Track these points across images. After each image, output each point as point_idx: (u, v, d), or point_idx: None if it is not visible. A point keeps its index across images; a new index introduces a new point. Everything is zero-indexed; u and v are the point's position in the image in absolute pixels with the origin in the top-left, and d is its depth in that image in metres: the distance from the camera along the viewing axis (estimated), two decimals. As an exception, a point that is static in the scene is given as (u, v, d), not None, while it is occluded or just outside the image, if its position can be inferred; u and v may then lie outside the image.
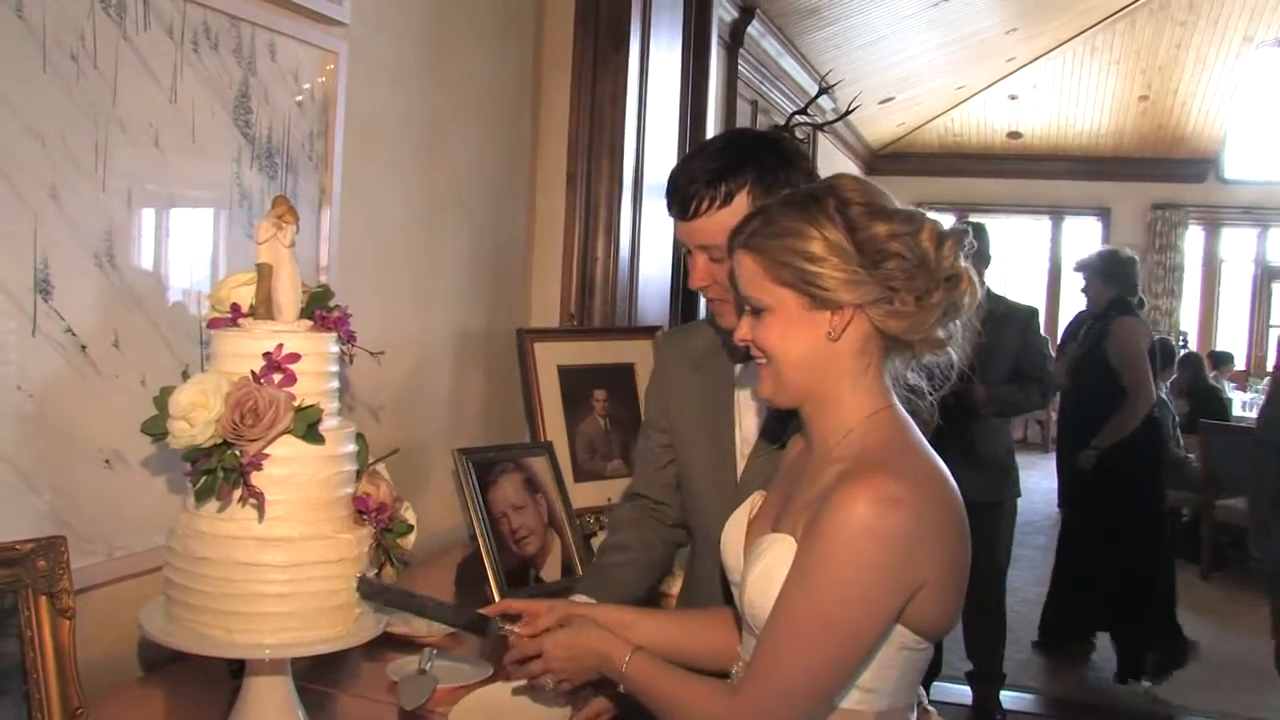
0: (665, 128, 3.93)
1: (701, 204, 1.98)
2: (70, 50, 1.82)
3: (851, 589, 1.44)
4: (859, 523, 1.42)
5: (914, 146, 14.54)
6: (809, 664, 1.47)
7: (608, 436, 3.33)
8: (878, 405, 1.58)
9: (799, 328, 1.55)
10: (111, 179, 1.92)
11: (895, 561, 1.44)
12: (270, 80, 2.29)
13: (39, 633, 1.51)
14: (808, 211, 1.55)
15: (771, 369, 1.60)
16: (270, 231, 1.70)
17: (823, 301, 1.53)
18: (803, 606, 1.47)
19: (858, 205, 1.54)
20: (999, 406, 4.78)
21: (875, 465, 1.48)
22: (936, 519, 1.49)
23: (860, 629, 1.46)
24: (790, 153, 2.05)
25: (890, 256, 1.51)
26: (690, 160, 2.07)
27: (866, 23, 8.99)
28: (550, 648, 1.73)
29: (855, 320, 1.54)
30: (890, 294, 1.52)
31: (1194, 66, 12.22)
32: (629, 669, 1.65)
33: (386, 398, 2.78)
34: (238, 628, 1.60)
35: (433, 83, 2.94)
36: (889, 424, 1.57)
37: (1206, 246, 14.18)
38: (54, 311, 1.83)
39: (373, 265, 2.73)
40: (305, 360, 1.65)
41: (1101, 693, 5.56)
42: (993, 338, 4.64)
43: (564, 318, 3.58)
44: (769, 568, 1.54)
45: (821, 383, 1.57)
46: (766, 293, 1.57)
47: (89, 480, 1.92)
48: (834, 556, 1.44)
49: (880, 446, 1.54)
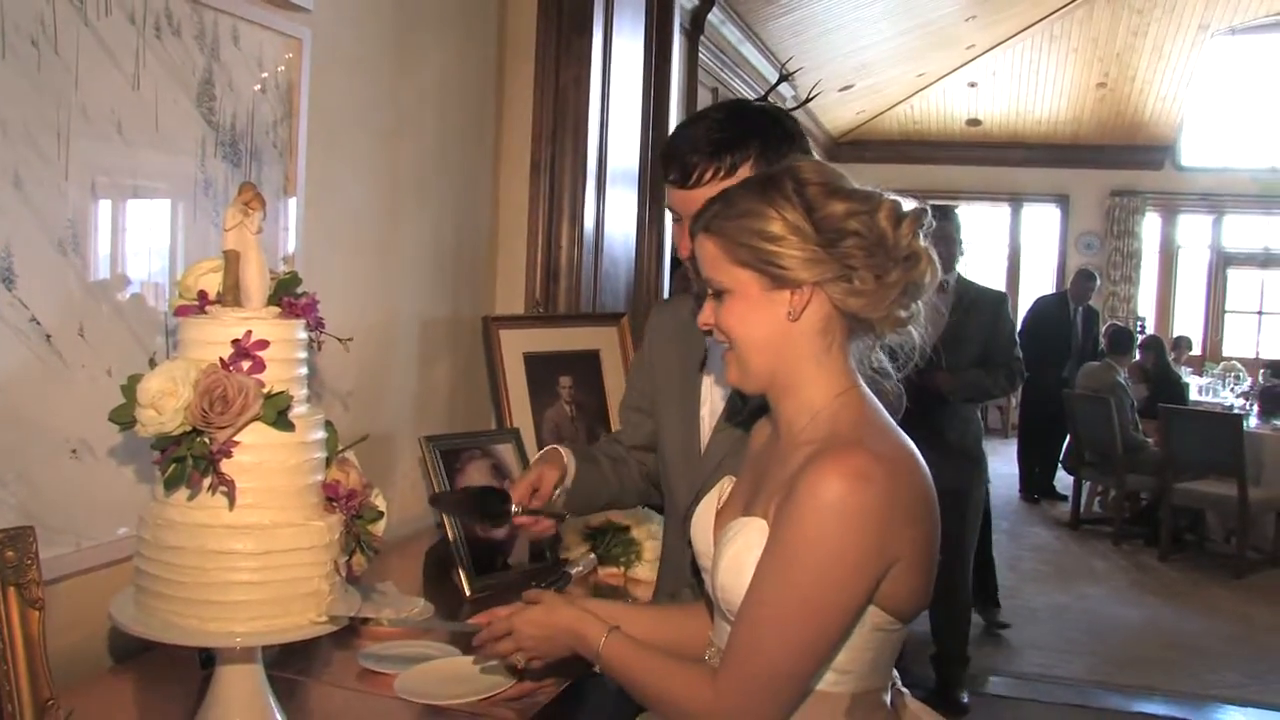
0: (628, 115, 3.93)
1: (705, 173, 1.98)
2: (31, 36, 1.80)
3: (826, 567, 1.45)
4: (832, 501, 1.43)
5: (874, 134, 14.58)
6: (788, 644, 1.47)
7: (574, 423, 3.34)
8: (844, 386, 1.59)
9: (760, 309, 1.57)
10: (74, 167, 1.91)
11: (869, 538, 1.45)
12: (234, 67, 2.28)
13: (8, 624, 1.50)
14: (765, 193, 1.57)
15: (735, 354, 1.62)
16: (237, 218, 1.69)
17: (782, 281, 1.55)
18: (778, 587, 1.47)
19: (815, 185, 1.56)
20: (967, 393, 4.80)
21: (846, 443, 1.50)
22: (908, 497, 1.50)
23: (837, 606, 1.47)
24: (793, 129, 2.05)
25: (848, 235, 1.53)
26: (692, 127, 2.06)
27: (826, 10, 9.02)
28: (521, 626, 1.74)
29: (815, 299, 1.55)
30: (849, 272, 1.54)
31: (1151, 54, 12.33)
32: (605, 649, 1.66)
33: (354, 385, 2.77)
34: (209, 616, 1.59)
35: (396, 69, 2.92)
36: (856, 404, 1.59)
37: (1164, 232, 14.31)
38: (17, 301, 1.81)
39: (338, 253, 2.72)
40: (274, 347, 1.65)
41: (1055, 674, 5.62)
42: (962, 322, 4.69)
43: (529, 305, 3.58)
44: (740, 552, 1.55)
45: (785, 365, 1.59)
46: (727, 274, 1.59)
47: (56, 471, 1.91)
48: (808, 535, 1.45)
49: (850, 426, 1.55)
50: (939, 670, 5.15)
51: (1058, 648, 5.95)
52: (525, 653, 1.76)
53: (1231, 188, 13.59)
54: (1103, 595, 7.06)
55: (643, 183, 4.05)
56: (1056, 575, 7.50)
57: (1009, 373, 4.95)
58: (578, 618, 1.72)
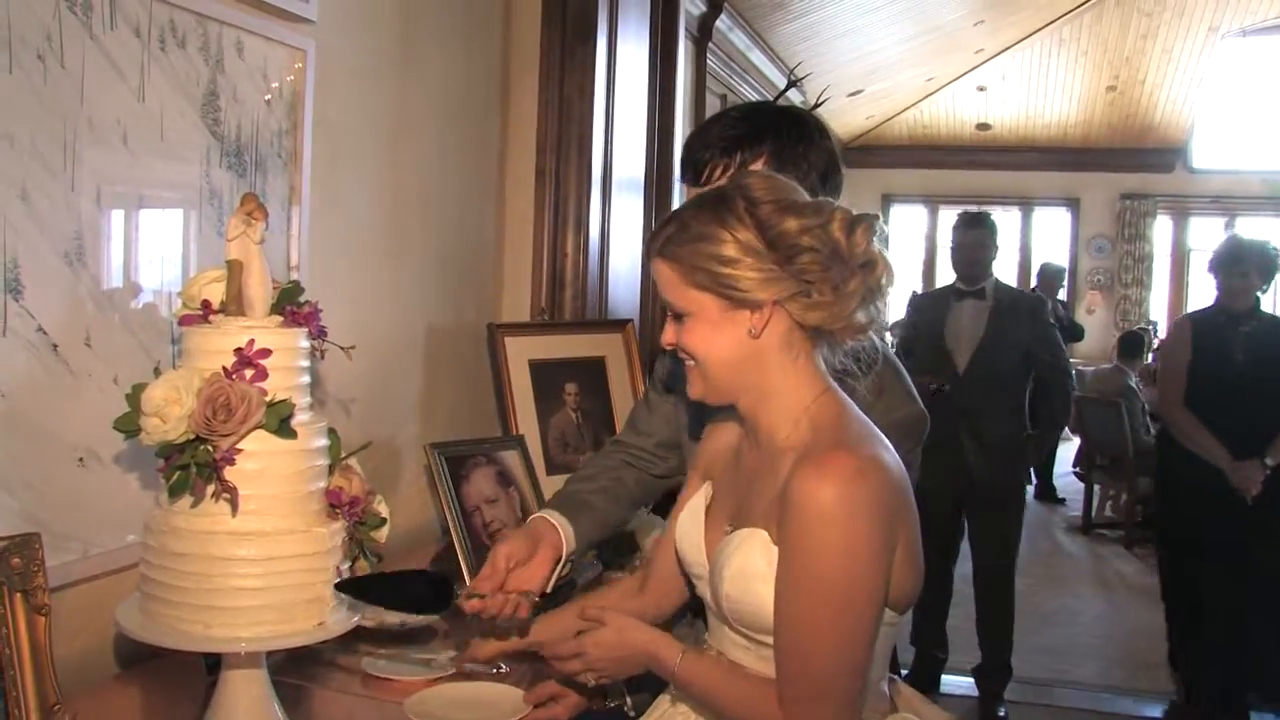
0: (634, 122, 3.94)
1: (715, 170, 1.97)
2: (37, 49, 1.82)
3: (844, 567, 1.47)
4: (830, 505, 1.46)
5: (883, 139, 14.58)
6: (834, 651, 1.50)
7: (579, 430, 3.35)
8: (817, 390, 1.61)
9: (720, 329, 1.59)
10: (80, 178, 1.93)
11: (874, 529, 1.48)
12: (238, 79, 2.30)
13: (14, 630, 1.51)
14: (718, 214, 1.57)
15: (699, 370, 1.64)
16: (240, 228, 1.71)
17: (740, 302, 1.56)
18: (807, 605, 1.50)
19: (766, 204, 1.56)
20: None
21: (830, 445, 1.52)
22: (894, 489, 1.52)
23: (865, 600, 1.50)
24: (812, 129, 2.03)
25: (803, 251, 1.54)
26: (709, 126, 2.05)
27: (834, 16, 9.03)
28: (592, 648, 1.72)
29: (775, 316, 1.57)
30: (807, 287, 1.55)
31: (1161, 57, 12.31)
32: (680, 670, 1.65)
33: (358, 393, 2.79)
34: (213, 622, 1.61)
35: (401, 80, 2.94)
36: (833, 405, 1.61)
37: (1175, 236, 14.28)
38: (25, 311, 1.83)
39: (344, 262, 2.74)
40: (276, 355, 1.66)
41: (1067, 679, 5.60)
42: (1002, 327, 4.71)
43: (534, 312, 3.59)
44: (744, 564, 1.57)
45: (752, 379, 1.61)
46: (685, 298, 1.60)
47: (63, 478, 1.93)
48: (817, 544, 1.47)
49: (831, 427, 1.57)
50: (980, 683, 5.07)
51: (1070, 652, 5.93)
52: (595, 673, 1.75)
53: (1243, 190, 13.54)
54: (1115, 599, 7.05)
55: (648, 190, 4.07)
56: (1068, 579, 7.49)
57: (1061, 392, 4.96)
58: (651, 640, 1.70)
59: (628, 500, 2.32)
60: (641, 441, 2.35)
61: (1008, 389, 4.85)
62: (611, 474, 2.32)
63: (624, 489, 2.31)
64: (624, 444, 2.38)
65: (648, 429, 2.35)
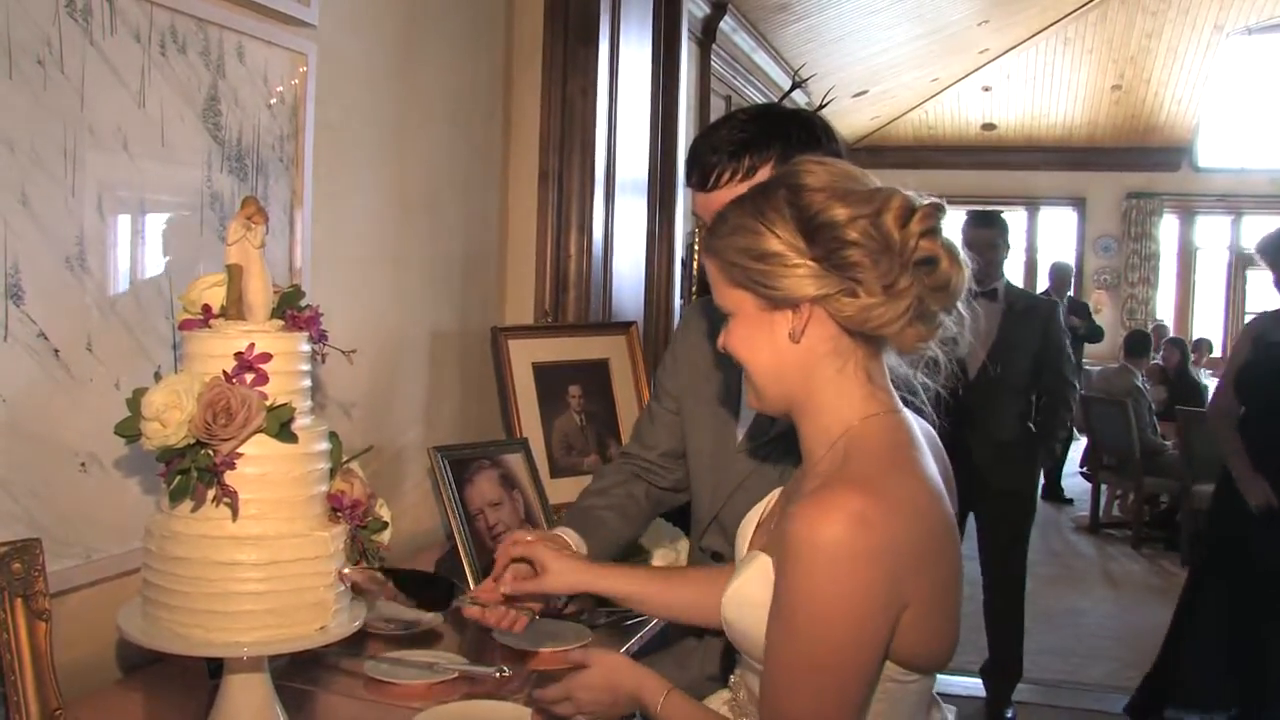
0: (637, 124, 3.94)
1: (722, 175, 1.95)
2: (36, 55, 1.82)
3: (835, 625, 1.32)
4: (824, 547, 1.30)
5: (889, 139, 14.59)
6: (810, 703, 1.35)
7: (583, 432, 3.35)
8: (869, 411, 1.46)
9: (760, 330, 1.47)
10: (81, 184, 1.93)
11: (872, 585, 1.32)
12: (239, 83, 2.29)
13: (15, 635, 1.51)
14: (756, 204, 1.46)
15: (749, 378, 1.53)
16: (240, 232, 1.70)
17: (777, 301, 1.44)
18: (789, 652, 1.36)
19: (813, 191, 1.42)
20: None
21: (845, 482, 1.36)
22: (914, 539, 1.36)
23: (853, 663, 1.34)
24: (819, 132, 2.00)
25: (848, 245, 1.39)
26: (715, 130, 2.02)
27: (838, 17, 9.03)
28: (579, 692, 1.65)
29: (816, 318, 1.43)
30: (853, 285, 1.39)
31: (1166, 56, 12.31)
32: (662, 712, 1.57)
33: (362, 396, 2.78)
34: (215, 627, 1.61)
35: (402, 83, 2.94)
36: (878, 433, 1.45)
37: (1181, 234, 14.29)
38: (26, 316, 1.83)
39: (346, 265, 2.74)
40: (277, 360, 1.66)
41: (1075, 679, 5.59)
42: (1013, 331, 4.68)
43: (538, 315, 3.59)
44: (742, 586, 1.50)
45: (799, 390, 1.48)
46: (726, 297, 1.50)
47: (65, 483, 1.93)
48: (802, 586, 1.33)
49: (861, 460, 1.41)
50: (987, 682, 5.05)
51: (1077, 652, 5.93)
52: (585, 715, 1.68)
53: (1249, 188, 13.56)
54: (1123, 599, 7.03)
55: (652, 191, 4.06)
56: (1076, 579, 7.48)
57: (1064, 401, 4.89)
58: (638, 683, 1.61)
59: (639, 516, 2.32)
60: (646, 453, 2.35)
61: (1018, 391, 4.82)
62: (623, 487, 2.32)
63: (635, 504, 2.31)
64: (631, 456, 2.39)
65: (652, 441, 2.35)
